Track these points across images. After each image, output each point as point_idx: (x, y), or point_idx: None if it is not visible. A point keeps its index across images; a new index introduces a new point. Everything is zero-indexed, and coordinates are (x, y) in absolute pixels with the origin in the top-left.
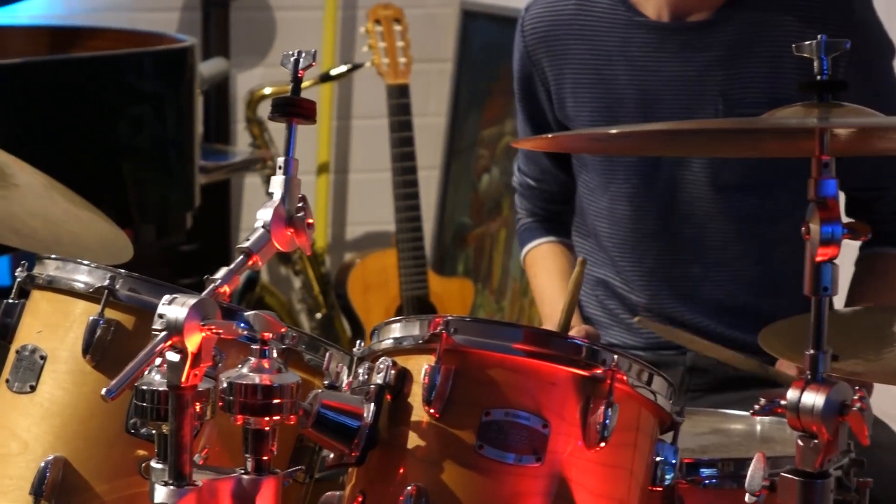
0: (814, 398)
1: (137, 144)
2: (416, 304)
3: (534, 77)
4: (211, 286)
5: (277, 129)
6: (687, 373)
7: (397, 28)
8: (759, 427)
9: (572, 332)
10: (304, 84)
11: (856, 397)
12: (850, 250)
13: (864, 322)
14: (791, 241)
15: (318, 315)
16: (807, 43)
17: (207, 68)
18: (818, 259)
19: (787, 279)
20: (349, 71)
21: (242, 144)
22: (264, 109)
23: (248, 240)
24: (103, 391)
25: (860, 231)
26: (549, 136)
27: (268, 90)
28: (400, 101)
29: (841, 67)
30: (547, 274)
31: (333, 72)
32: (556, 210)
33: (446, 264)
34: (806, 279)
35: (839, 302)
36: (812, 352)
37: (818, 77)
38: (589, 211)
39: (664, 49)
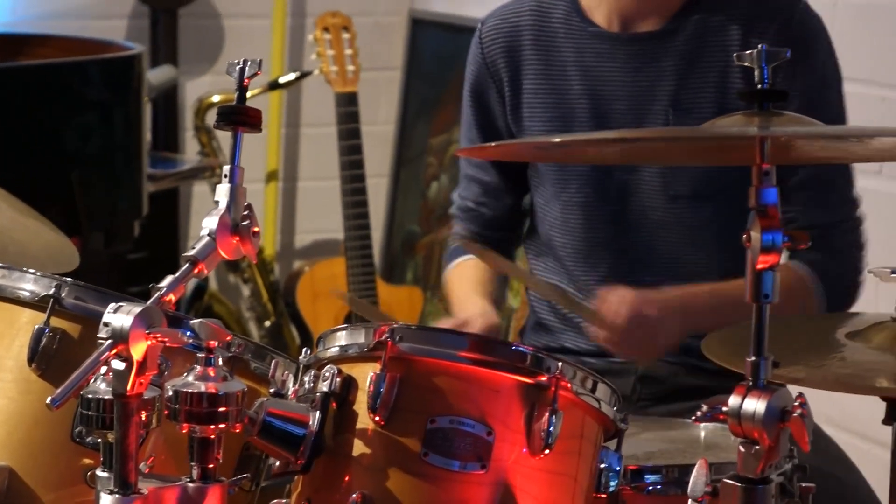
0: (755, 404)
1: (85, 152)
2: None
3: (490, 86)
4: (156, 294)
5: (226, 137)
6: (638, 381)
7: (345, 36)
8: (703, 434)
9: (476, 328)
10: (253, 92)
11: (796, 403)
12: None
13: (807, 328)
14: (742, 249)
15: (267, 323)
16: (748, 52)
17: (155, 76)
18: (759, 267)
19: None
20: (297, 79)
21: (191, 152)
22: (213, 117)
23: (193, 248)
24: (48, 400)
25: (800, 239)
26: (493, 144)
27: (216, 98)
28: (348, 110)
29: (780, 76)
30: (463, 281)
31: (282, 79)
32: (492, 237)
33: (395, 272)
34: (747, 287)
35: None
36: (753, 358)
37: (759, 86)
38: (544, 221)
39: (616, 59)
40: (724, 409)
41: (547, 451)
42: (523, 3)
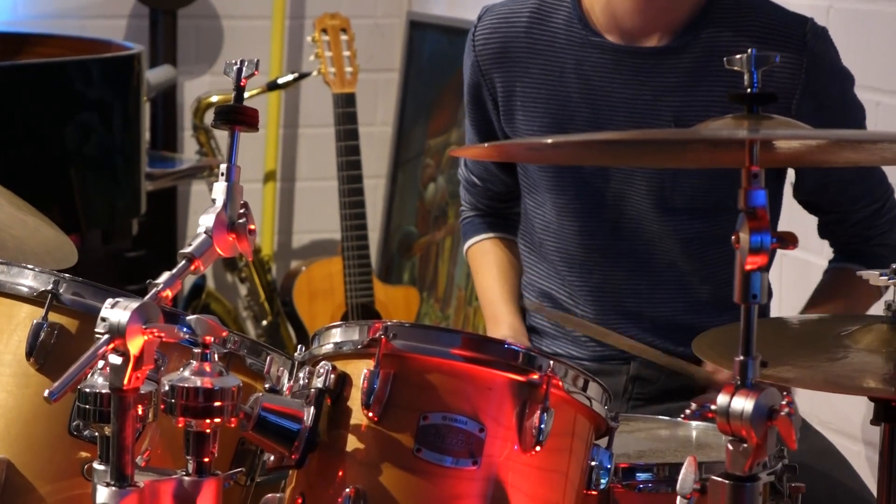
0: (743, 403)
1: (84, 151)
2: (362, 312)
3: (482, 87)
4: (153, 290)
5: (224, 137)
6: (630, 382)
7: (344, 38)
8: (694, 433)
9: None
10: (252, 92)
11: (784, 402)
12: (791, 262)
13: (797, 330)
14: (734, 263)
15: (264, 322)
16: (738, 56)
17: (155, 76)
18: (747, 267)
19: (729, 298)
20: (296, 80)
21: (189, 152)
22: (211, 117)
23: (190, 245)
24: (46, 393)
25: (788, 240)
26: (486, 145)
27: (215, 98)
28: (346, 110)
29: (795, 99)
30: (487, 271)
31: (280, 80)
32: (498, 207)
33: (392, 273)
34: (736, 287)
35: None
36: (742, 358)
37: (748, 89)
38: (536, 225)
39: (619, 71)
40: (713, 407)
41: (538, 448)
42: (524, 5)
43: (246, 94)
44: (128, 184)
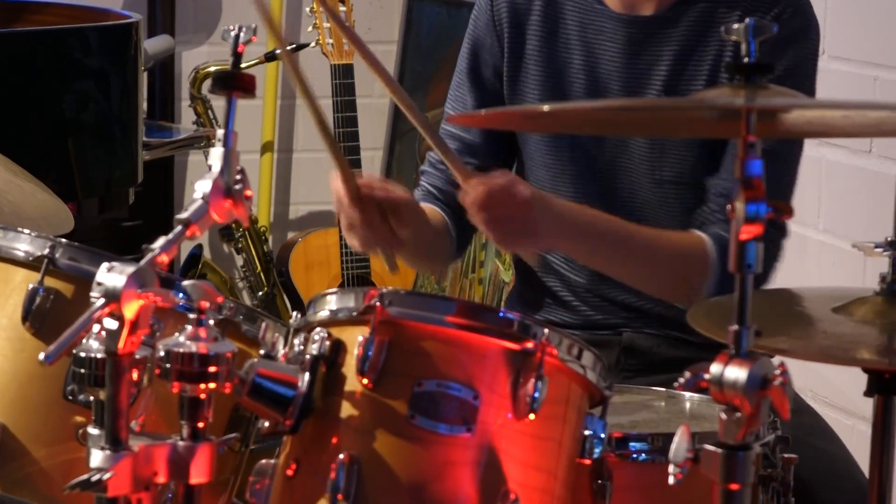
0: (737, 372)
1: (82, 119)
2: (358, 284)
3: (493, 41)
4: (149, 255)
5: (222, 107)
6: (622, 353)
7: (342, 9)
8: (688, 404)
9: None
10: (250, 63)
11: (777, 372)
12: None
13: (791, 301)
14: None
15: (261, 293)
16: (735, 26)
17: (152, 45)
18: (742, 237)
19: None
20: (294, 50)
21: (186, 122)
22: (209, 86)
23: (186, 210)
24: (41, 356)
25: (783, 210)
26: (483, 112)
27: (213, 68)
28: (344, 82)
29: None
30: None
31: (279, 51)
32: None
33: None
34: (731, 256)
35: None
36: (736, 327)
37: (745, 59)
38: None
39: (616, 40)
40: (707, 376)
41: (532, 416)
42: None
43: (244, 65)
44: (125, 153)
